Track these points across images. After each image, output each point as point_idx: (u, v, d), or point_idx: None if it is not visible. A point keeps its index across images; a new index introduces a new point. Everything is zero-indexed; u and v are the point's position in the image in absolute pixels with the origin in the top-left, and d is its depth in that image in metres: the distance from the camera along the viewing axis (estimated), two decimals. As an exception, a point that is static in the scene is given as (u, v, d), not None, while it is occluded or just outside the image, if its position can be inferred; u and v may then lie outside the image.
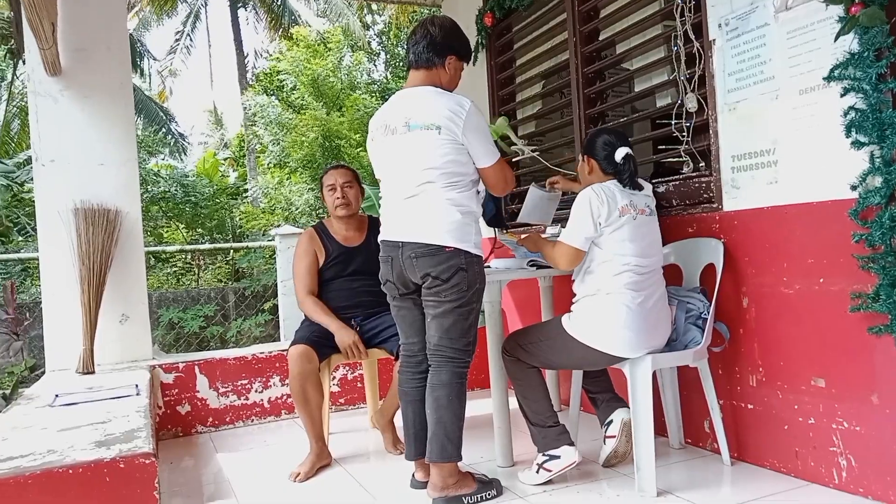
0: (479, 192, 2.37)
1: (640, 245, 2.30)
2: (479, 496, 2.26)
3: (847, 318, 2.10)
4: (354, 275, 2.97)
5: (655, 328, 2.31)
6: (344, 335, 2.78)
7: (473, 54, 4.05)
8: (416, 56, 2.29)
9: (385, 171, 2.34)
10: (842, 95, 2.03)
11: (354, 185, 3.02)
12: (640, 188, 2.39)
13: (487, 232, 2.82)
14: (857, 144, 2.00)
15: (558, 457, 2.35)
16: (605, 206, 2.26)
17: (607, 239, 2.29)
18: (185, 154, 15.26)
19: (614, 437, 2.48)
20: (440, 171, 2.20)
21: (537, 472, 2.39)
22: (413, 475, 2.47)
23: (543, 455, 2.39)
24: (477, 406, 3.63)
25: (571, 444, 2.38)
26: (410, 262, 2.21)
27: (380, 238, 2.37)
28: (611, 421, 2.51)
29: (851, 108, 2.01)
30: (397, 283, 2.31)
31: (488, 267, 2.71)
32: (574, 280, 2.42)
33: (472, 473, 2.35)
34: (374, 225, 3.04)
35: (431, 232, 2.19)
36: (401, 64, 14.75)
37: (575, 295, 2.41)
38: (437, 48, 2.27)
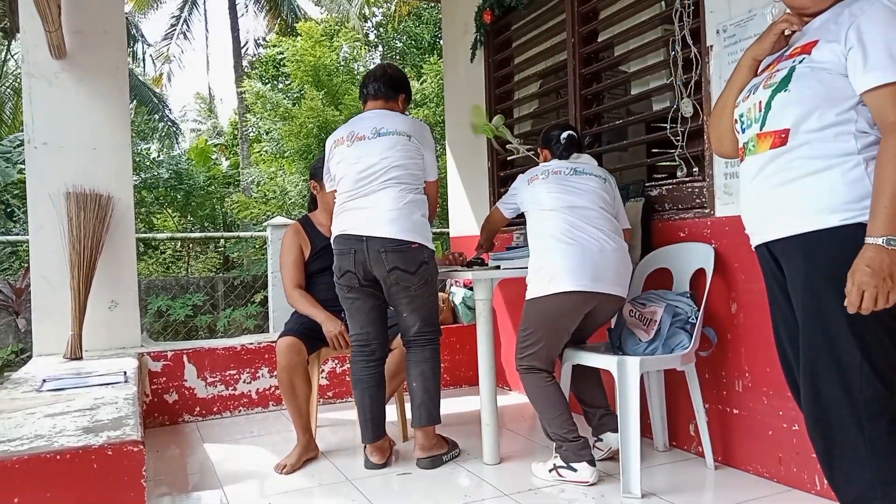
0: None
1: (568, 192, 2.45)
2: (451, 454, 2.70)
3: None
4: None
5: (603, 267, 2.36)
6: (330, 325, 2.78)
7: (472, 51, 4.09)
8: (376, 89, 2.65)
9: (348, 170, 2.53)
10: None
11: None
12: (568, 156, 2.60)
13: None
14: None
15: (576, 470, 2.38)
16: (525, 178, 2.60)
17: (534, 198, 2.50)
18: (176, 141, 15.15)
19: (601, 451, 2.58)
20: (406, 171, 2.50)
21: (550, 471, 2.43)
22: (368, 458, 2.63)
23: (563, 462, 2.41)
24: (465, 403, 3.65)
25: (592, 461, 2.39)
26: (378, 255, 2.44)
27: (338, 231, 2.55)
28: (600, 440, 2.61)
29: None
30: (358, 274, 2.51)
31: (480, 262, 2.97)
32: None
33: (441, 435, 2.70)
34: None
35: (399, 229, 2.45)
36: (397, 57, 14.73)
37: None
38: (393, 85, 2.67)
